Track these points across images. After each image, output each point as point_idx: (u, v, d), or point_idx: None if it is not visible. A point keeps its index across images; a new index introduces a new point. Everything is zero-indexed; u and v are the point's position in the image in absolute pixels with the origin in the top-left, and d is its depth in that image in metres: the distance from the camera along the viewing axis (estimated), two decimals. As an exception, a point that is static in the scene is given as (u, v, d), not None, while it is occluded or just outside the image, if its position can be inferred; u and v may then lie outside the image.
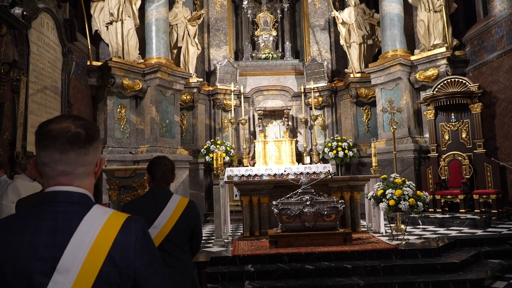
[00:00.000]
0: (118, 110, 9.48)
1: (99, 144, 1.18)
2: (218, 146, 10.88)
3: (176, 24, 10.97)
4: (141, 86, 9.60)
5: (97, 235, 1.06)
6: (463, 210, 8.52)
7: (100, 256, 1.05)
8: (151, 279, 1.12)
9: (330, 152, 11.10)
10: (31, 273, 1.03)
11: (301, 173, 10.18)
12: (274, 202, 6.20)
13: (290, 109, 12.02)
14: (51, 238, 1.05)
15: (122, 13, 9.41)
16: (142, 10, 9.99)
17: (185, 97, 11.04)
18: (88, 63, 9.16)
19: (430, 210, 8.85)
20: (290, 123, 12.05)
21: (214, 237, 6.86)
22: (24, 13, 5.46)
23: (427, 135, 9.85)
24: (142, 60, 9.81)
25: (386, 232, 7.05)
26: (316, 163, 11.22)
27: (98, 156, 1.19)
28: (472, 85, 8.87)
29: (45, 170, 1.12)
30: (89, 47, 9.13)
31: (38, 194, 2.71)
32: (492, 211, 8.15)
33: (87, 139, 1.12)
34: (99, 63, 9.30)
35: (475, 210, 8.41)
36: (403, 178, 6.49)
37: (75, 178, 1.12)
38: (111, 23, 9.38)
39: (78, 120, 1.13)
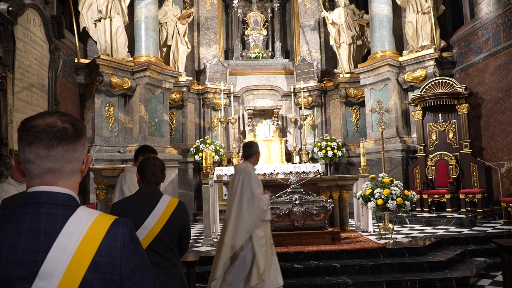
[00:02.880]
0: (106, 108, 9.40)
1: (86, 141, 1.14)
2: (207, 145, 10.85)
3: (166, 22, 10.90)
4: (129, 84, 9.52)
5: (82, 240, 1.01)
6: (450, 209, 8.63)
7: (85, 262, 1.00)
8: (139, 285, 1.07)
9: (319, 152, 11.15)
10: (12, 279, 0.98)
11: (291, 173, 10.21)
12: (263, 202, 6.20)
13: (279, 109, 12.04)
14: (33, 241, 1.00)
15: (110, 10, 9.32)
16: (131, 7, 9.91)
17: (174, 96, 10.99)
18: (76, 60, 9.05)
19: (417, 209, 8.96)
20: (279, 122, 12.07)
21: (203, 237, 6.84)
22: (10, 8, 5.37)
23: (414, 135, 9.95)
24: (131, 58, 9.73)
25: (374, 231, 7.11)
26: (305, 163, 11.26)
27: (85, 153, 1.14)
28: (459, 86, 8.99)
29: (29, 168, 1.06)
30: (77, 45, 9.02)
31: (21, 194, 2.65)
32: (478, 210, 8.27)
33: (74, 134, 1.08)
34: (87, 61, 9.20)
35: (461, 209, 8.52)
36: (391, 178, 6.55)
37: (62, 176, 1.08)
38: (99, 20, 9.28)
39: (64, 115, 1.09)
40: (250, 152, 3.89)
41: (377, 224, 7.04)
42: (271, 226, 6.12)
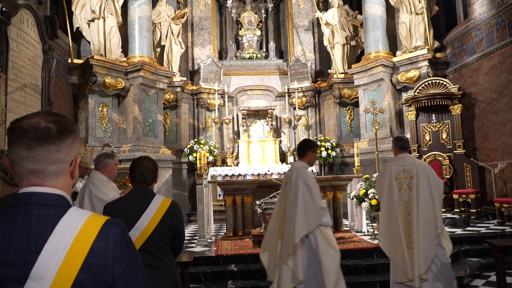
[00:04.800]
0: (100, 108, 9.35)
1: (75, 141, 1.10)
2: (201, 145, 10.83)
3: (160, 23, 10.87)
4: (123, 84, 9.49)
5: (73, 240, 1.00)
6: (443, 210, 8.67)
7: (76, 263, 0.99)
8: (131, 286, 1.06)
9: (313, 152, 11.15)
10: (3, 280, 0.97)
11: (285, 173, 10.21)
12: (257, 202, 6.21)
13: (274, 109, 12.05)
14: (25, 243, 0.99)
15: (104, 11, 9.28)
16: (125, 8, 9.87)
17: (168, 96, 10.97)
18: (69, 61, 9.00)
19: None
20: (274, 123, 12.07)
21: (197, 237, 6.83)
22: (3, 9, 5.34)
23: (408, 136, 9.98)
24: (125, 59, 9.69)
25: (368, 231, 7.12)
26: (299, 163, 11.24)
27: (74, 154, 1.11)
28: (452, 86, 9.04)
29: (15, 168, 1.06)
30: (70, 45, 8.98)
31: (12, 195, 2.64)
32: (471, 210, 8.32)
33: (57, 135, 1.05)
34: (80, 61, 9.16)
35: (455, 210, 8.57)
36: (385, 178, 6.56)
37: (47, 177, 1.06)
38: (93, 20, 9.24)
39: (51, 115, 1.07)
40: (303, 151, 3.85)
41: (371, 224, 7.06)
42: (265, 227, 6.14)
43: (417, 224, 3.81)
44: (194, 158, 10.45)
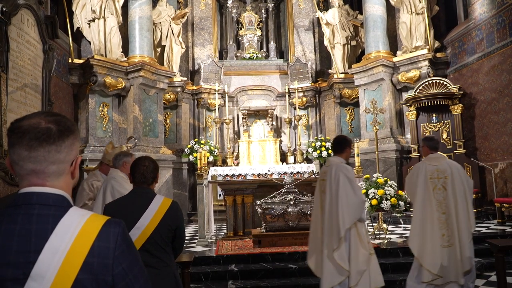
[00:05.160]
0: (100, 108, 9.36)
1: (75, 141, 1.11)
2: (202, 145, 10.83)
3: (160, 23, 10.87)
4: (124, 84, 9.49)
5: (74, 240, 1.01)
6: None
7: (77, 263, 0.99)
8: (131, 286, 1.06)
9: (314, 152, 11.17)
10: (3, 280, 0.97)
11: (285, 173, 10.21)
12: (258, 202, 6.21)
13: (274, 109, 12.04)
14: (25, 242, 0.99)
15: (104, 11, 9.28)
16: (125, 8, 9.86)
17: (168, 96, 10.97)
18: (70, 60, 9.00)
19: (411, 209, 8.97)
20: (274, 123, 12.07)
21: (197, 237, 6.83)
22: (4, 9, 5.34)
23: (408, 136, 9.98)
24: (125, 59, 9.69)
25: (368, 231, 7.12)
26: (300, 163, 11.27)
27: (74, 154, 1.11)
28: (452, 86, 9.03)
29: (15, 169, 1.06)
30: (71, 45, 8.98)
31: (12, 195, 2.65)
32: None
33: (58, 135, 1.05)
34: (81, 61, 9.16)
35: (455, 210, 8.54)
36: (385, 178, 6.58)
37: (47, 178, 1.06)
38: (93, 20, 9.24)
39: (51, 115, 1.07)
40: (341, 147, 3.88)
41: (371, 224, 7.06)
42: (265, 227, 6.14)
43: (457, 224, 3.88)
44: (195, 158, 10.45)
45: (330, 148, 11.10)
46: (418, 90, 9.35)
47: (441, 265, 3.82)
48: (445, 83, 9.15)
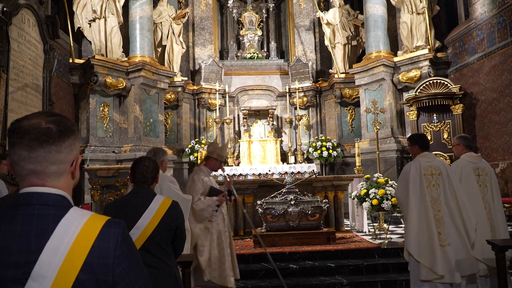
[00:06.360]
0: (101, 108, 9.36)
1: (75, 141, 1.11)
2: (202, 145, 10.83)
3: (161, 22, 10.88)
4: (124, 84, 9.50)
5: (74, 240, 1.00)
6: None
7: (77, 263, 0.99)
8: (132, 286, 1.06)
9: (314, 152, 11.16)
10: (4, 280, 0.97)
11: (286, 173, 10.20)
12: (258, 202, 6.20)
13: (275, 109, 12.05)
14: (25, 243, 0.99)
15: (105, 11, 9.29)
16: (126, 7, 9.87)
17: (169, 96, 10.97)
18: (70, 60, 9.01)
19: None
20: (275, 123, 12.07)
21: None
22: (5, 9, 5.35)
23: (409, 135, 9.96)
24: (126, 58, 9.70)
25: (369, 231, 7.12)
26: (300, 163, 11.27)
27: (74, 154, 1.11)
28: (453, 86, 9.03)
29: (16, 169, 1.06)
30: (71, 45, 8.99)
31: (12, 195, 2.65)
32: (472, 210, 8.29)
33: (58, 135, 1.05)
34: (81, 61, 9.17)
35: (456, 210, 8.54)
36: (386, 178, 6.57)
37: (48, 178, 1.06)
38: (94, 20, 9.25)
39: (51, 116, 1.07)
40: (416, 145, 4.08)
41: (372, 224, 7.06)
42: (266, 227, 6.14)
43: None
44: (195, 158, 10.46)
45: (330, 148, 11.10)
46: (418, 90, 9.35)
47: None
48: (445, 83, 9.15)
